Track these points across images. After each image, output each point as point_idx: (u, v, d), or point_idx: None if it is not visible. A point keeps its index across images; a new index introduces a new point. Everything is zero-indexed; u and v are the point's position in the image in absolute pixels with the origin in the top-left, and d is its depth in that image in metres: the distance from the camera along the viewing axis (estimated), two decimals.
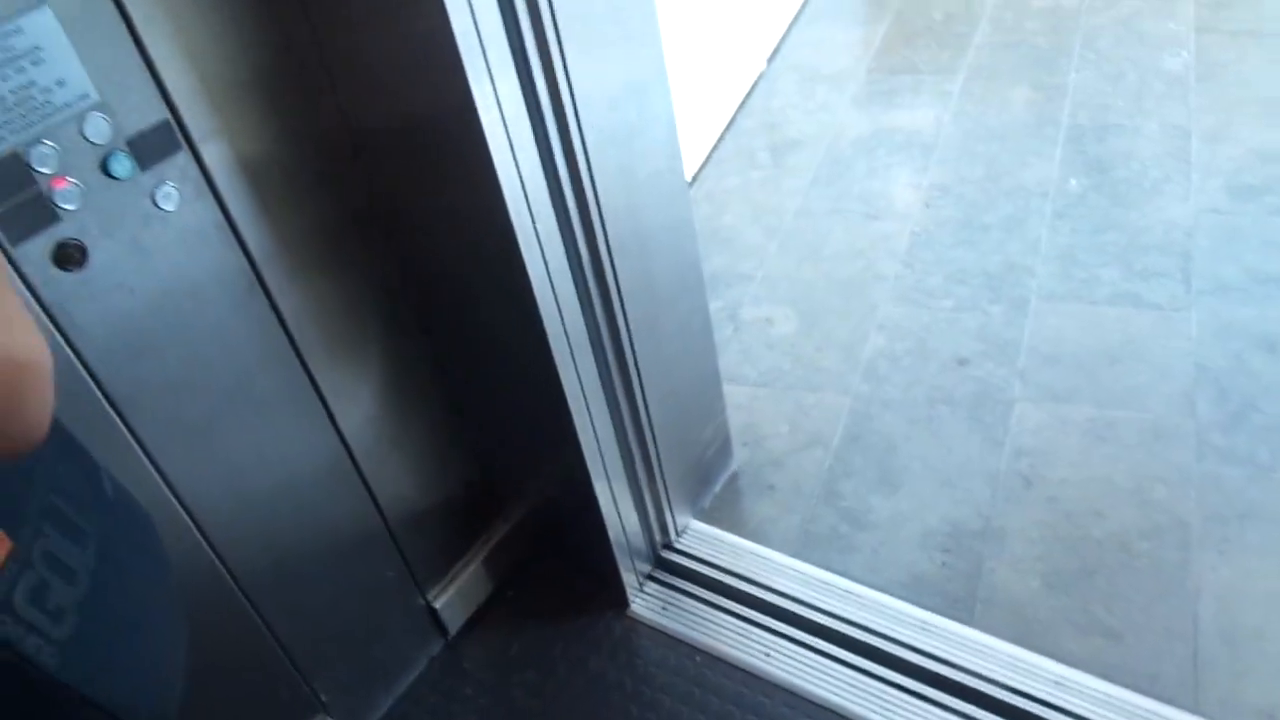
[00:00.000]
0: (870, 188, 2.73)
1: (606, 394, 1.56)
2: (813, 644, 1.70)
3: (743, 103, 3.19)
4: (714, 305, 2.37)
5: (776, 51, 3.45)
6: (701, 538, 1.88)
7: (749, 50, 3.28)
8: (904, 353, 2.21)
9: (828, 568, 1.81)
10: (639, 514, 1.76)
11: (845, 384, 2.17)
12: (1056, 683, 1.57)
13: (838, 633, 1.70)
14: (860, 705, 1.59)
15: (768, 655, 1.69)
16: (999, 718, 1.54)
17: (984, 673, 1.60)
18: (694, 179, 2.88)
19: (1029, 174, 2.65)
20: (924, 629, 1.68)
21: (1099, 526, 1.79)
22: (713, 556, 1.84)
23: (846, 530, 1.88)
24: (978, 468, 1.94)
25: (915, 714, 1.56)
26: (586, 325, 1.47)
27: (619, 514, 1.70)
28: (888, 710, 1.57)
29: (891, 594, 1.75)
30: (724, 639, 1.73)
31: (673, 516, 1.85)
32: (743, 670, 1.67)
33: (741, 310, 2.41)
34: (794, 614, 1.74)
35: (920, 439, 2.02)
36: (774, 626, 1.74)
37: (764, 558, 1.83)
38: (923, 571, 1.79)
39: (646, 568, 1.84)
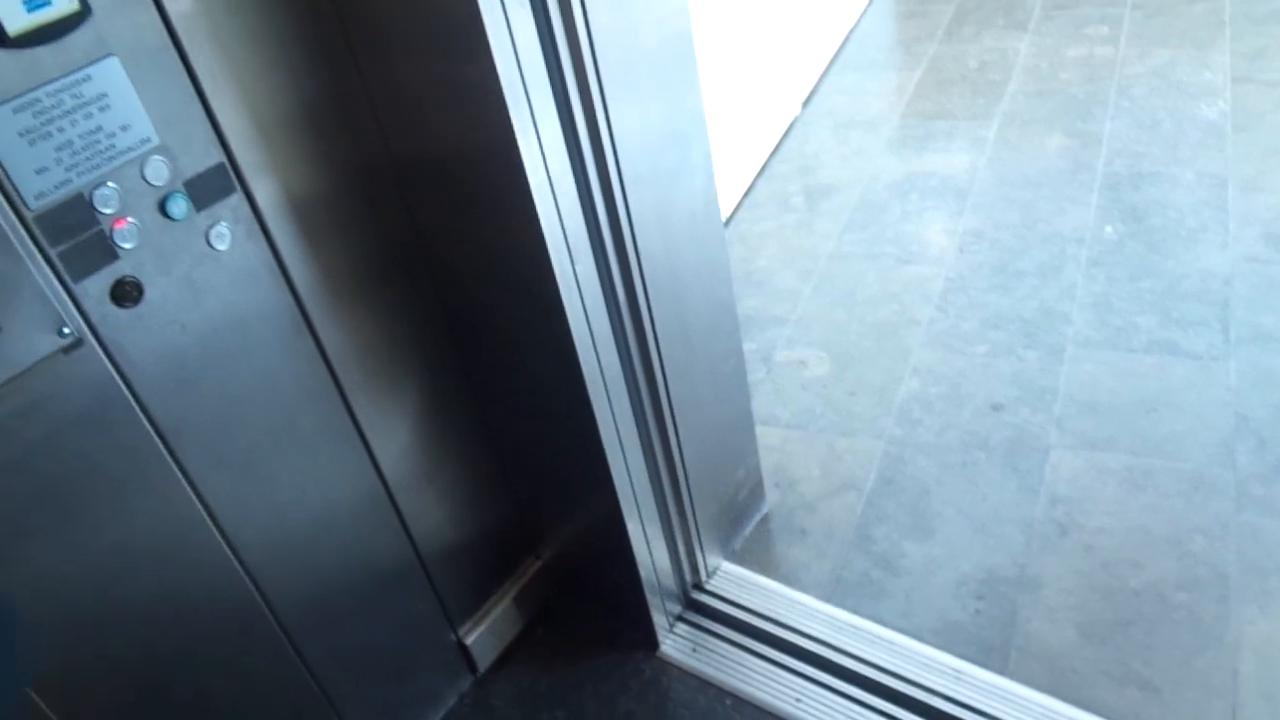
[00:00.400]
0: (904, 232, 2.74)
1: (640, 433, 1.57)
2: (843, 690, 1.68)
3: (777, 147, 3.23)
4: (747, 347, 2.38)
5: (811, 96, 3.49)
6: (732, 579, 1.88)
7: (784, 95, 3.33)
8: (938, 397, 2.21)
9: (860, 613, 1.80)
10: (670, 554, 1.76)
11: (878, 428, 2.17)
12: None
13: (869, 679, 1.69)
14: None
15: (798, 700, 1.68)
16: None
17: None
18: (728, 221, 2.90)
19: (1064, 220, 2.65)
20: (957, 677, 1.66)
21: (1136, 577, 1.77)
22: (743, 599, 1.84)
23: (879, 575, 1.87)
24: (1013, 514, 1.93)
25: None
26: (622, 365, 1.49)
27: (650, 553, 1.70)
28: None
29: (924, 640, 1.74)
30: (754, 682, 1.72)
31: (704, 557, 1.85)
32: (772, 714, 1.66)
33: (775, 352, 2.42)
34: (825, 659, 1.72)
35: (954, 484, 2.01)
36: (805, 671, 1.73)
37: (795, 601, 1.83)
38: (956, 618, 1.77)
39: (677, 608, 1.84)
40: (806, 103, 3.45)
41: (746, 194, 3.03)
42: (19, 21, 0.95)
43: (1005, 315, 2.38)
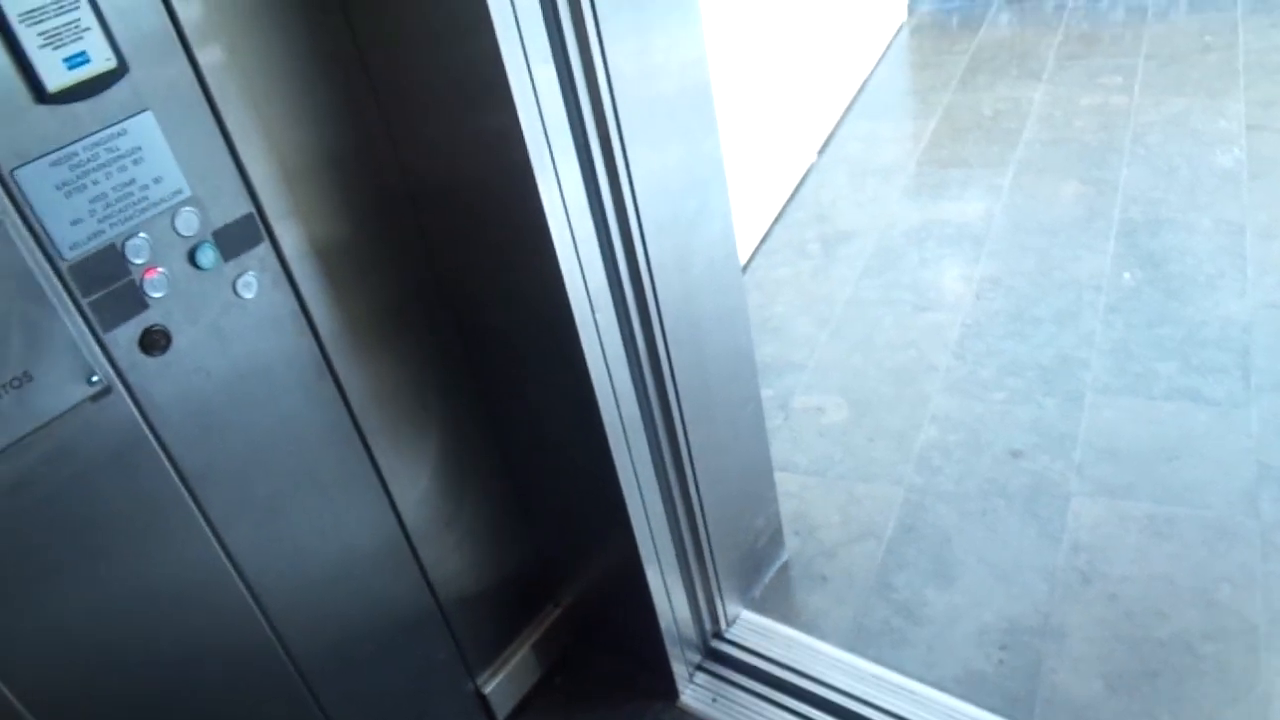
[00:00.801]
0: (921, 278, 2.75)
1: (660, 481, 1.57)
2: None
3: (794, 194, 3.26)
4: (765, 394, 2.39)
5: (827, 144, 3.52)
6: (752, 628, 1.86)
7: (800, 143, 3.36)
8: (957, 444, 2.20)
9: (881, 662, 1.78)
10: (690, 602, 1.75)
11: (897, 474, 2.16)
12: None
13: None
14: None
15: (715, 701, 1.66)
16: None
17: None
18: (745, 268, 2.92)
19: (1081, 267, 2.66)
20: None
21: (1162, 627, 1.75)
22: (764, 648, 1.82)
23: (900, 624, 1.85)
24: (1034, 562, 1.91)
25: None
26: (641, 412, 1.49)
27: (670, 602, 1.69)
28: None
29: (947, 691, 1.72)
30: None
31: (723, 606, 1.83)
32: None
33: (793, 399, 2.42)
34: (846, 709, 1.70)
35: (975, 532, 1.99)
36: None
37: (816, 650, 1.81)
38: (979, 669, 1.75)
39: (697, 657, 1.83)
40: (823, 150, 3.49)
41: (763, 240, 3.05)
42: (59, 79, 0.98)
43: (1023, 362, 2.38)
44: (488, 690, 1.74)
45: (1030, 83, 3.65)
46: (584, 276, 1.32)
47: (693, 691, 1.79)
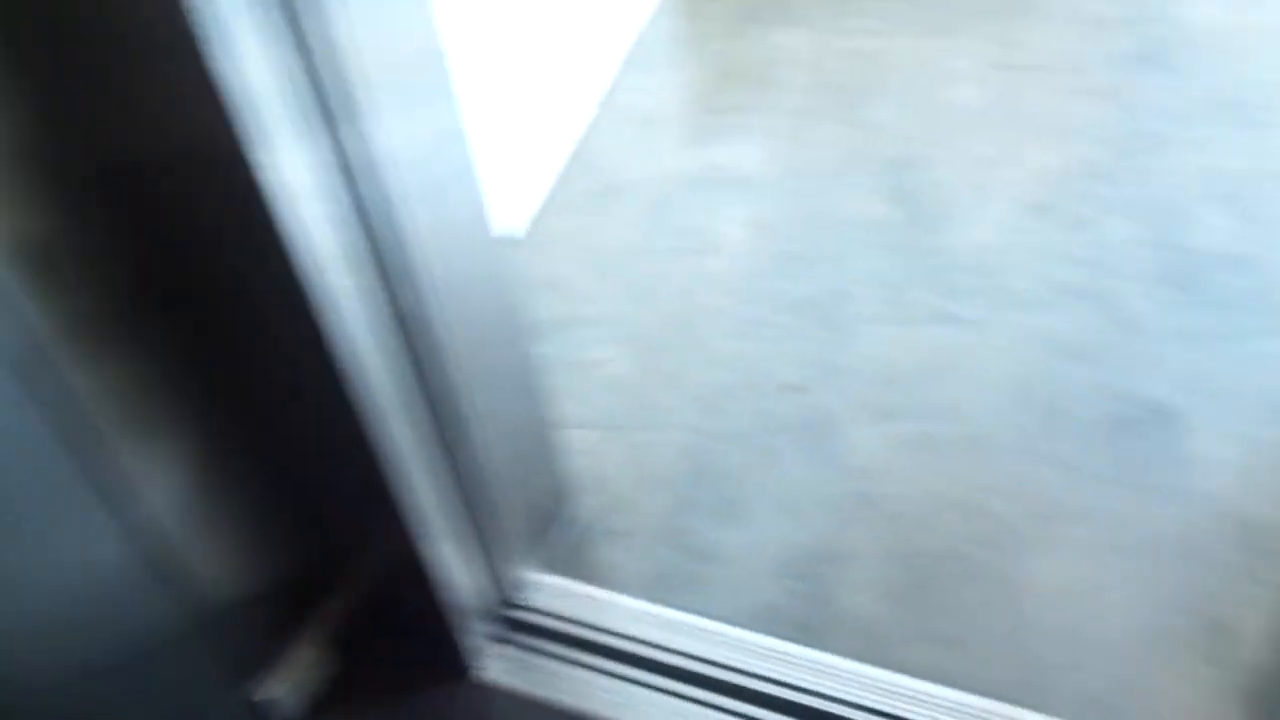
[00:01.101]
0: (698, 225, 2.78)
1: (431, 452, 1.50)
2: (671, 687, 1.67)
3: (575, 150, 3.21)
4: (547, 351, 2.35)
5: (606, 97, 3.49)
6: (548, 591, 1.83)
7: (578, 97, 3.31)
8: (739, 385, 2.24)
9: (680, 607, 1.79)
10: (479, 574, 1.70)
11: (684, 420, 2.17)
12: (909, 696, 1.59)
13: (696, 673, 1.67)
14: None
15: (626, 704, 1.65)
16: None
17: (839, 695, 1.60)
18: (528, 226, 2.86)
19: (848, 207, 2.75)
20: (780, 659, 1.68)
21: (936, 540, 1.85)
22: (561, 609, 1.79)
23: (696, 568, 1.87)
24: (819, 493, 1.97)
25: None
26: (402, 384, 1.41)
27: (457, 577, 1.63)
28: None
29: (746, 627, 1.75)
30: (580, 693, 1.68)
31: (515, 572, 1.79)
32: None
33: (576, 354, 2.39)
34: (650, 659, 1.70)
35: (762, 469, 2.04)
36: (630, 674, 1.70)
37: (614, 605, 1.80)
38: (775, 602, 1.80)
39: (495, 628, 1.78)
40: (602, 103, 3.45)
41: (546, 198, 3.00)
42: None
43: (797, 300, 2.45)
44: (271, 697, 1.63)
45: (797, 30, 3.74)
46: (318, 248, 1.22)
47: (493, 664, 1.74)
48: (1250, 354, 2.09)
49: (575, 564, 1.90)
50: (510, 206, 2.77)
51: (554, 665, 1.73)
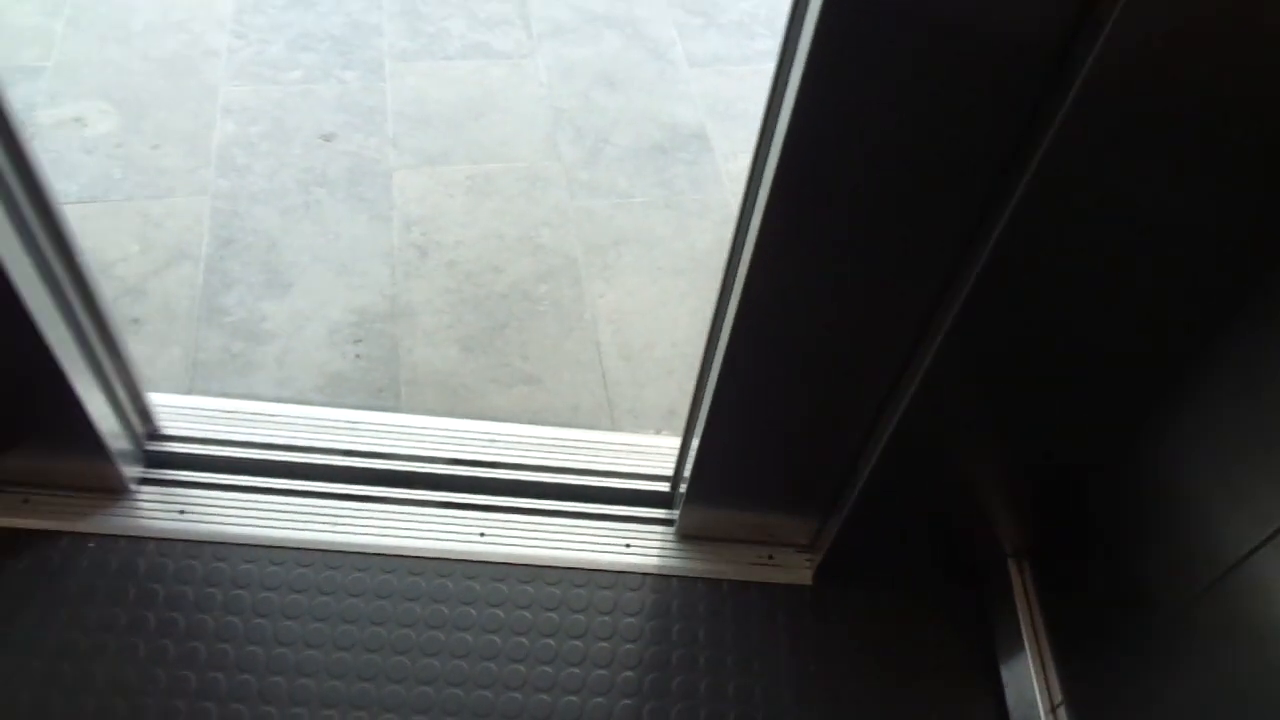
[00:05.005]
0: None
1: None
2: (244, 483, 1.47)
3: None
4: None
5: None
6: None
7: None
8: (260, 136, 1.92)
9: (229, 394, 1.56)
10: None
11: (199, 182, 1.83)
12: (490, 440, 1.56)
13: (263, 462, 1.48)
14: (296, 529, 1.42)
15: (183, 513, 1.42)
16: (443, 492, 1.50)
17: (419, 453, 1.53)
18: None
19: None
20: (352, 429, 1.54)
21: (500, 280, 1.79)
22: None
23: (242, 347, 1.63)
24: (370, 248, 1.80)
25: (362, 518, 1.45)
26: None
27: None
28: (337, 525, 1.43)
29: (310, 403, 1.58)
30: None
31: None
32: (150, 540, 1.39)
33: (36, 113, 1.88)
34: (209, 458, 1.47)
35: (302, 229, 1.80)
36: (187, 479, 1.46)
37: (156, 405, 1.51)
38: (338, 370, 1.63)
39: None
40: None
41: None
42: None
43: (313, 34, 2.13)
44: None
45: None
46: None
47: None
48: (765, 75, 2.23)
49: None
50: None
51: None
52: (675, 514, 1.46)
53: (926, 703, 1.34)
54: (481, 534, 1.44)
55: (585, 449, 1.54)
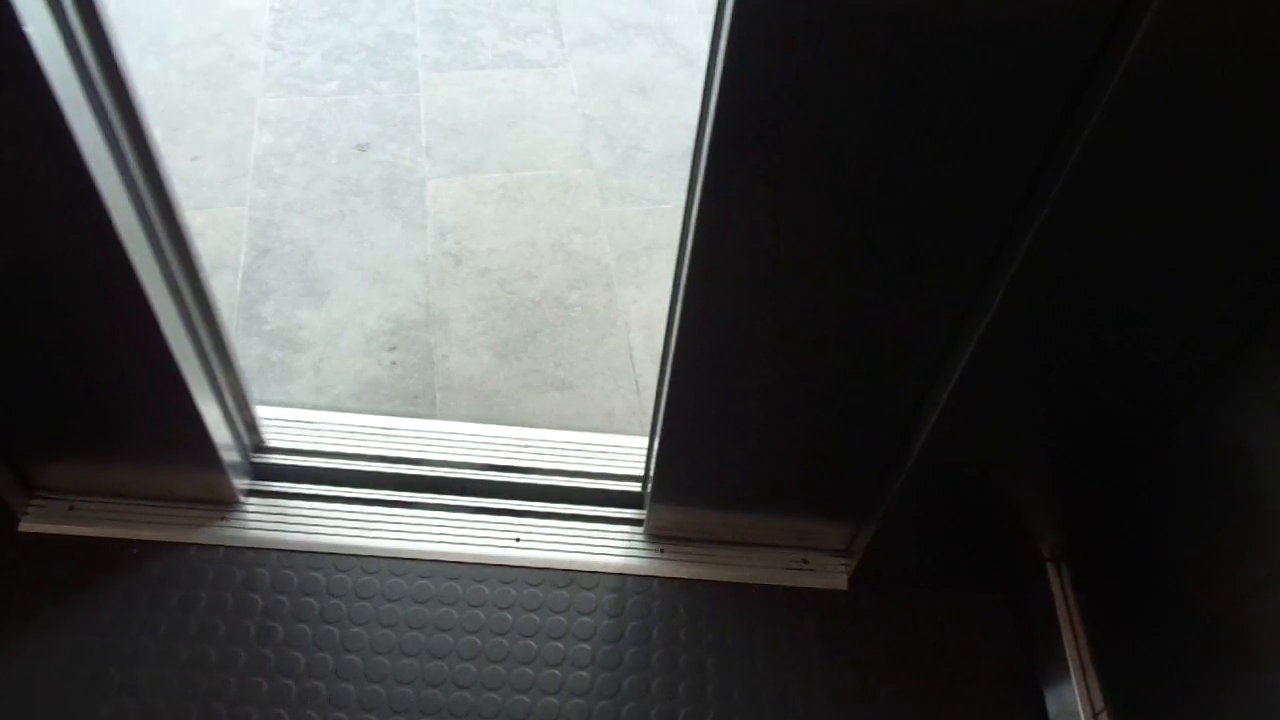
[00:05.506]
0: None
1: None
2: (277, 489, 1.49)
3: None
4: None
5: None
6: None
7: None
8: (297, 147, 1.95)
9: (268, 402, 1.58)
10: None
11: (237, 193, 1.86)
12: (523, 445, 1.57)
13: (299, 468, 1.50)
14: (339, 535, 1.44)
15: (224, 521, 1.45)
16: (476, 498, 1.51)
17: (455, 459, 1.54)
18: None
19: None
20: (387, 435, 1.56)
21: (533, 287, 1.80)
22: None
23: (280, 356, 1.65)
24: (405, 256, 1.81)
25: (398, 524, 1.46)
26: None
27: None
28: (373, 531, 1.45)
29: (345, 410, 1.59)
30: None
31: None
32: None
33: None
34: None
35: (338, 238, 1.82)
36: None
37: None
38: (374, 377, 1.65)
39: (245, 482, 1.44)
40: None
41: None
42: None
43: (348, 45, 2.15)
44: None
45: None
46: None
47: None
48: None
49: None
50: None
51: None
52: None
53: (968, 711, 1.33)
54: (517, 539, 1.45)
55: (619, 454, 1.54)
